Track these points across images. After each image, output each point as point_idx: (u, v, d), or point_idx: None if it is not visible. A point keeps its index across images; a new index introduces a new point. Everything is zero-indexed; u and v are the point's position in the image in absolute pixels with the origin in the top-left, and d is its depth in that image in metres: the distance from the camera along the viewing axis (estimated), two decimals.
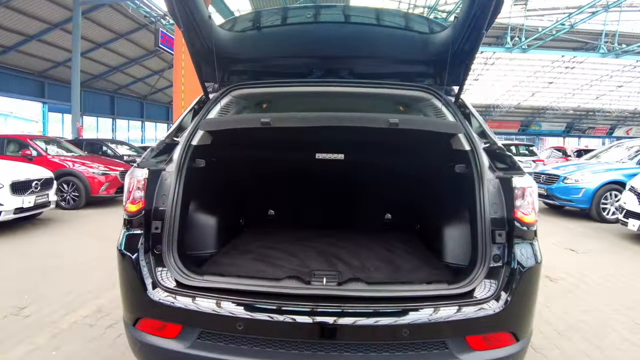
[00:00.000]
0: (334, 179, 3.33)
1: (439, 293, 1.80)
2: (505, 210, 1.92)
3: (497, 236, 1.88)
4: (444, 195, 2.77)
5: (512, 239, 1.88)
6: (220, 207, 2.86)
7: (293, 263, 2.41)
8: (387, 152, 2.95)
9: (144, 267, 1.88)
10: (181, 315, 1.76)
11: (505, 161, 2.07)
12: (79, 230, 6.70)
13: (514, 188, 1.91)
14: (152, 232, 1.95)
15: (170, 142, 2.23)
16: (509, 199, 1.92)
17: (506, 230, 1.89)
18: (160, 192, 2.01)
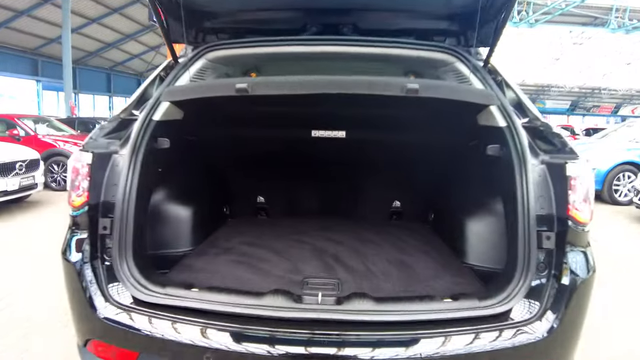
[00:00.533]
0: (334, 161, 2.89)
1: (470, 314, 1.42)
2: (555, 206, 1.53)
3: (544, 239, 1.51)
4: (468, 182, 2.37)
5: (564, 244, 1.51)
6: (197, 195, 2.46)
7: (282, 267, 2.04)
8: (398, 129, 2.48)
9: (91, 278, 1.53)
10: (137, 340, 1.43)
11: (553, 142, 1.66)
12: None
13: (568, 177, 1.53)
14: (100, 234, 1.59)
15: (127, 117, 1.83)
16: (561, 190, 1.52)
17: (556, 232, 1.52)
18: (110, 181, 1.62)
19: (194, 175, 2.56)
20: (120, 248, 1.56)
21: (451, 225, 2.40)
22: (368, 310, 1.43)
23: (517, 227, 1.55)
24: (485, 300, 1.47)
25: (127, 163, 1.64)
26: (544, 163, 1.59)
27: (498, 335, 1.37)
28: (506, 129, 1.74)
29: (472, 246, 2.15)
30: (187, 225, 2.33)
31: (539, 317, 1.42)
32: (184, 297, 1.49)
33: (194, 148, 2.40)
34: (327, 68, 2.28)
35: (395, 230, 2.73)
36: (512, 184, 1.62)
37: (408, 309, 1.45)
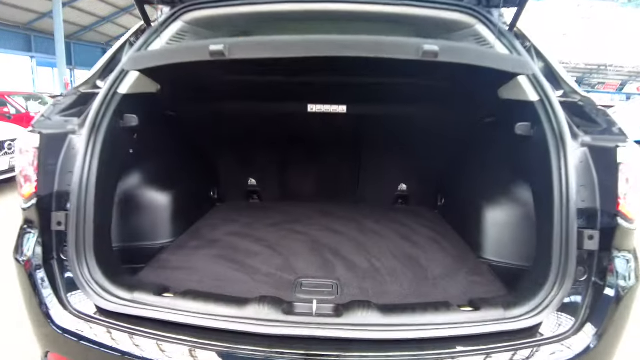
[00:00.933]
0: (334, 139, 2.65)
1: (495, 329, 1.21)
2: (600, 199, 1.30)
3: (585, 239, 1.28)
4: (488, 164, 2.14)
5: (611, 246, 1.29)
6: (177, 179, 2.24)
7: (273, 264, 1.83)
8: (407, 102, 2.22)
9: (44, 283, 1.33)
10: (100, 356, 1.23)
11: (596, 120, 1.42)
12: None
13: (618, 164, 1.28)
14: (54, 230, 1.37)
15: (88, 90, 1.58)
16: (609, 180, 1.29)
17: (601, 230, 1.29)
18: (65, 167, 1.39)
19: (174, 156, 2.31)
20: (78, 247, 1.34)
21: (465, 212, 2.17)
22: (373, 325, 1.21)
23: (553, 222, 1.32)
24: (512, 308, 1.26)
25: (85, 145, 1.40)
26: (586, 146, 1.35)
27: (529, 355, 1.17)
28: (539, 103, 1.48)
29: (491, 238, 1.92)
30: (166, 213, 2.10)
31: (574, 332, 1.22)
32: (153, 305, 1.27)
33: (173, 125, 2.16)
34: (326, 30, 1.97)
35: (401, 216, 2.52)
36: (546, 170, 1.37)
37: (420, 322, 1.23)
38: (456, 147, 2.43)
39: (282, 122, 2.53)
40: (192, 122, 2.38)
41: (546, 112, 1.44)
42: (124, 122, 1.60)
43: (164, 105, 1.98)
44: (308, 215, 2.52)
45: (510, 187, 1.86)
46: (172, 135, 2.25)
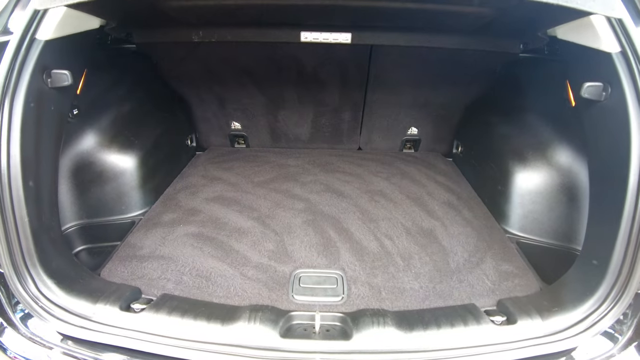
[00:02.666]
0: (333, 74, 2.20)
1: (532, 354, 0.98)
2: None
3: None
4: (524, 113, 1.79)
5: None
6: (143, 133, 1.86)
7: (265, 248, 1.53)
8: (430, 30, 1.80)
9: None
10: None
11: None
12: None
13: None
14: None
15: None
16: None
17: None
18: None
19: (135, 104, 1.90)
20: (13, 258, 1.04)
21: (489, 170, 1.85)
22: (388, 352, 0.97)
23: (622, 216, 1.04)
24: (552, 316, 1.03)
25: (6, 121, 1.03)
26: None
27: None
28: (620, 56, 1.09)
29: (521, 208, 1.65)
30: (132, 178, 1.76)
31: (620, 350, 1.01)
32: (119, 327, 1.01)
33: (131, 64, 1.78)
34: None
35: (412, 169, 2.19)
36: (619, 148, 1.06)
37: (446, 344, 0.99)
38: (484, 86, 2.06)
39: (269, 55, 2.08)
40: (155, 57, 1.96)
41: (630, 69, 1.06)
42: (52, 82, 1.19)
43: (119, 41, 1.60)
44: (305, 168, 2.19)
45: (552, 148, 1.56)
46: (133, 77, 1.85)
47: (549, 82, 1.52)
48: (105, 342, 1.00)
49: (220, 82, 2.26)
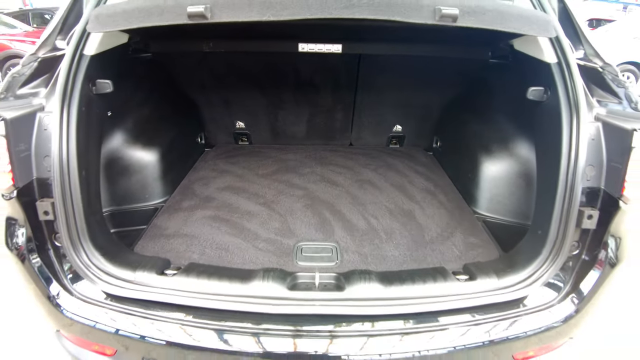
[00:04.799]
0: (327, 79, 2.49)
1: (489, 301, 1.25)
2: (605, 181, 1.28)
3: (585, 218, 1.27)
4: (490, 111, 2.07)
5: (607, 227, 1.29)
6: (161, 131, 2.12)
7: (272, 226, 1.81)
8: (406, 41, 2.09)
9: (45, 275, 1.29)
10: (109, 337, 1.25)
11: (615, 92, 1.34)
12: None
13: (631, 148, 1.19)
14: (43, 220, 1.29)
15: (48, 55, 1.39)
16: (619, 163, 1.23)
17: (600, 210, 1.28)
18: (40, 151, 1.27)
19: (156, 106, 2.18)
20: (71, 234, 1.27)
21: (461, 160, 2.14)
22: (373, 299, 1.24)
23: (555, 197, 1.30)
24: (506, 275, 1.30)
25: (58, 123, 1.27)
26: (600, 120, 1.28)
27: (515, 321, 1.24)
28: (556, 66, 1.37)
29: (487, 192, 1.93)
30: (154, 170, 2.02)
31: (561, 300, 1.29)
32: (157, 287, 1.27)
33: (151, 72, 2.01)
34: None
35: (397, 162, 2.50)
36: (555, 141, 1.32)
37: (418, 293, 1.26)
38: (458, 88, 2.35)
39: (270, 62, 2.36)
40: (171, 64, 2.22)
41: (563, 77, 1.35)
42: (97, 89, 1.45)
43: (137, 51, 1.83)
44: (302, 162, 2.47)
45: (513, 142, 1.83)
46: (150, 83, 2.11)
47: (511, 84, 1.77)
48: (146, 299, 1.26)
49: (226, 86, 2.54)
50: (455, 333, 1.21)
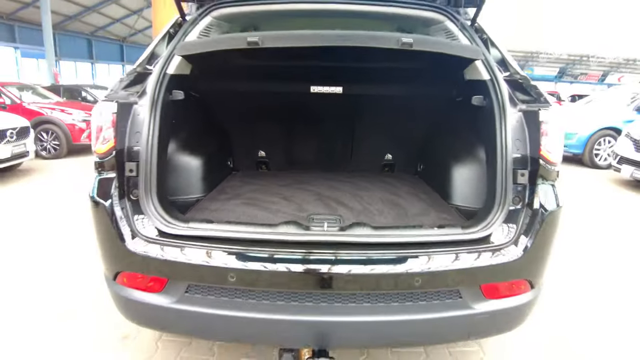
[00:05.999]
0: (331, 116, 3.05)
1: (455, 238, 1.64)
2: (529, 148, 1.71)
3: (519, 176, 1.70)
4: (453, 131, 2.54)
5: (536, 180, 1.70)
6: (204, 146, 2.59)
7: (289, 207, 2.21)
8: (392, 84, 2.66)
9: (120, 215, 1.66)
10: (165, 267, 1.58)
11: (530, 92, 1.84)
12: (61, 179, 6.44)
13: (540, 122, 1.71)
14: (127, 176, 1.71)
15: (142, 71, 1.93)
16: (534, 134, 1.71)
17: (529, 170, 1.70)
18: (133, 129, 1.74)
19: (201, 128, 2.69)
20: (146, 188, 1.69)
21: (438, 172, 2.58)
22: (367, 235, 1.62)
23: (497, 166, 1.73)
24: (468, 229, 1.67)
25: (148, 112, 1.75)
26: (521, 111, 1.76)
27: (480, 254, 1.58)
28: (489, 81, 1.90)
29: (457, 188, 2.34)
30: (198, 173, 2.47)
31: (514, 242, 1.63)
32: (206, 228, 1.65)
33: (199, 102, 2.50)
34: (325, 25, 2.33)
35: (388, 179, 2.94)
36: (493, 130, 1.78)
37: (401, 234, 1.65)
38: (433, 121, 2.86)
39: (288, 102, 2.93)
40: (213, 100, 2.74)
41: (494, 87, 1.86)
42: (172, 97, 1.97)
43: (193, 84, 2.33)
44: (312, 179, 2.91)
45: (472, 148, 2.26)
46: (196, 110, 2.60)
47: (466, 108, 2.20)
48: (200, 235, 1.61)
49: (252, 121, 3.11)
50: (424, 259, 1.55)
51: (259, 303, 1.54)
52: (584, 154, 8.06)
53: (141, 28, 28.72)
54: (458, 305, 1.57)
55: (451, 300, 1.57)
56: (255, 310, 1.53)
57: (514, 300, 1.63)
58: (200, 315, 1.55)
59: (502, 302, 1.61)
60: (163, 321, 1.68)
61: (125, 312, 1.72)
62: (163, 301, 1.57)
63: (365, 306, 1.54)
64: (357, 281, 1.53)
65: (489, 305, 1.59)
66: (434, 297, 1.57)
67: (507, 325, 1.72)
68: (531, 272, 1.66)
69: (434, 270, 1.52)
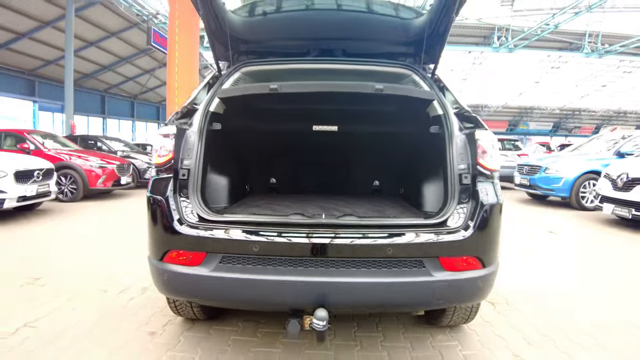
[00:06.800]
0: (329, 150, 3.64)
1: (418, 222, 2.15)
2: (470, 158, 2.28)
3: (463, 179, 2.24)
4: (422, 155, 3.08)
5: (476, 181, 2.22)
6: (229, 169, 3.13)
7: (296, 210, 2.68)
8: (375, 122, 3.29)
9: (173, 206, 2.16)
10: (205, 244, 2.05)
11: (472, 121, 2.42)
12: (79, 219, 6.89)
13: (476, 140, 2.27)
14: (180, 179, 2.24)
15: (191, 108, 2.54)
16: (473, 149, 2.28)
17: (471, 174, 2.24)
18: (186, 146, 2.32)
19: (228, 155, 3.26)
20: (193, 188, 2.25)
21: (413, 189, 3.13)
22: (355, 220, 2.19)
23: (447, 175, 2.30)
24: (429, 218, 2.20)
25: (197, 136, 2.37)
26: (465, 133, 2.35)
27: (437, 234, 2.08)
28: (442, 115, 2.52)
29: (426, 199, 2.86)
30: (224, 188, 2.99)
31: (464, 226, 2.12)
32: (236, 215, 2.21)
33: (228, 136, 3.07)
34: (325, 78, 3.01)
35: (375, 198, 3.46)
36: (445, 149, 2.37)
37: (378, 220, 2.21)
38: (408, 152, 3.43)
39: (295, 138, 3.56)
40: (237, 135, 3.33)
41: (446, 119, 2.47)
42: (212, 127, 2.59)
43: (224, 121, 2.88)
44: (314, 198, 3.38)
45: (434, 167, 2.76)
46: (226, 141, 3.15)
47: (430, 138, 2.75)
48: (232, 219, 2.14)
49: (265, 154, 3.70)
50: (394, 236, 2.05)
51: (274, 269, 1.99)
52: (570, 197, 8.53)
53: (152, 86, 30.31)
54: (422, 273, 2.02)
55: (416, 269, 2.03)
56: (272, 273, 1.98)
57: (467, 274, 2.06)
58: (231, 280, 1.99)
59: (457, 274, 2.04)
60: (201, 288, 2.08)
61: (169, 286, 2.14)
62: (203, 271, 2.02)
63: (353, 270, 2.00)
64: (346, 251, 2.01)
65: (446, 275, 2.03)
66: (403, 266, 2.02)
67: (463, 295, 2.14)
68: (478, 250, 2.11)
69: (402, 243, 2.02)
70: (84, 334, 2.67)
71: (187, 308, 2.64)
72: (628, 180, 6.38)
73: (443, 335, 2.72)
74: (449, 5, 2.56)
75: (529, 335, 2.76)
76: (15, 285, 3.51)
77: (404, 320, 2.97)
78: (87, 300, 3.23)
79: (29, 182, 6.50)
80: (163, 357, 2.40)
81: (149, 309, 3.08)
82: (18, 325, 2.75)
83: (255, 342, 2.59)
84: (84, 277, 3.75)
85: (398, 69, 2.99)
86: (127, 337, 2.64)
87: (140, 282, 3.62)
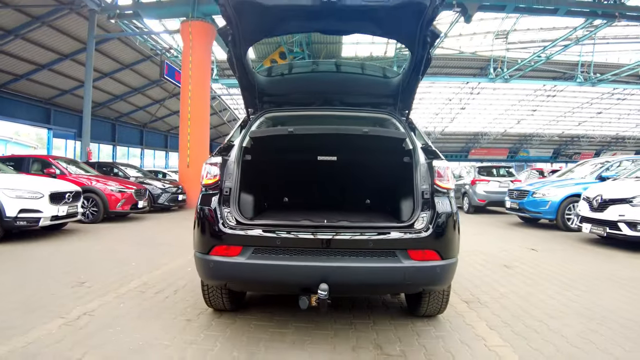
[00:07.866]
0: (330, 175, 4.43)
1: (393, 225, 2.90)
2: (430, 180, 3.05)
3: (425, 194, 3.00)
4: (400, 178, 3.80)
5: (434, 196, 2.99)
6: (256, 189, 3.88)
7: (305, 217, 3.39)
8: (365, 153, 4.06)
9: (219, 214, 2.90)
10: (242, 240, 2.78)
11: (432, 153, 3.23)
12: (106, 237, 7.58)
13: (434, 167, 3.06)
14: (224, 195, 3.00)
15: (229, 144, 3.38)
16: (432, 173, 3.06)
17: (430, 191, 3.01)
18: (228, 172, 3.11)
19: (253, 179, 3.97)
20: (232, 201, 3.00)
21: (395, 204, 3.85)
22: (347, 223, 2.92)
23: (414, 193, 3.05)
24: (401, 222, 2.95)
25: (235, 165, 3.15)
26: (427, 162, 3.12)
27: (406, 233, 2.81)
28: (412, 149, 3.30)
29: (403, 211, 3.53)
30: (251, 204, 3.70)
31: (425, 228, 2.84)
32: (263, 220, 2.95)
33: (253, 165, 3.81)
34: (326, 123, 3.94)
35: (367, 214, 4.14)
36: (412, 175, 3.13)
37: (365, 224, 2.93)
38: (390, 177, 4.17)
39: (304, 166, 4.33)
40: (261, 163, 4.05)
41: (414, 152, 3.25)
42: (245, 158, 3.37)
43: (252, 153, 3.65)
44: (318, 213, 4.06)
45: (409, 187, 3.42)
46: (252, 169, 3.84)
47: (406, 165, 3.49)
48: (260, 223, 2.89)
49: (279, 178, 4.49)
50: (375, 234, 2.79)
51: (291, 257, 2.73)
52: (557, 219, 9.15)
53: (161, 116, 31.43)
54: (395, 260, 2.73)
55: (391, 257, 2.74)
56: (289, 260, 2.72)
57: (428, 262, 2.76)
58: (261, 265, 2.72)
59: (421, 262, 2.75)
60: (239, 272, 2.77)
61: (214, 272, 2.83)
62: (240, 259, 2.75)
63: (345, 257, 2.72)
64: (340, 244, 2.74)
65: (413, 262, 2.73)
66: (382, 255, 2.74)
67: (427, 279, 2.79)
68: (436, 245, 2.81)
69: (380, 239, 2.76)
70: (134, 320, 3.33)
71: (218, 298, 3.31)
72: (602, 201, 7.04)
73: (422, 323, 3.37)
74: (416, 69, 3.53)
75: (492, 322, 3.39)
76: (67, 287, 4.18)
77: (392, 311, 3.62)
78: (130, 297, 3.89)
79: (61, 203, 7.23)
80: (200, 334, 3.07)
81: (182, 304, 3.75)
82: (79, 314, 3.41)
83: (272, 325, 3.25)
84: (122, 283, 4.42)
85: (381, 115, 3.95)
86: (170, 322, 3.30)
87: (171, 287, 4.29)
